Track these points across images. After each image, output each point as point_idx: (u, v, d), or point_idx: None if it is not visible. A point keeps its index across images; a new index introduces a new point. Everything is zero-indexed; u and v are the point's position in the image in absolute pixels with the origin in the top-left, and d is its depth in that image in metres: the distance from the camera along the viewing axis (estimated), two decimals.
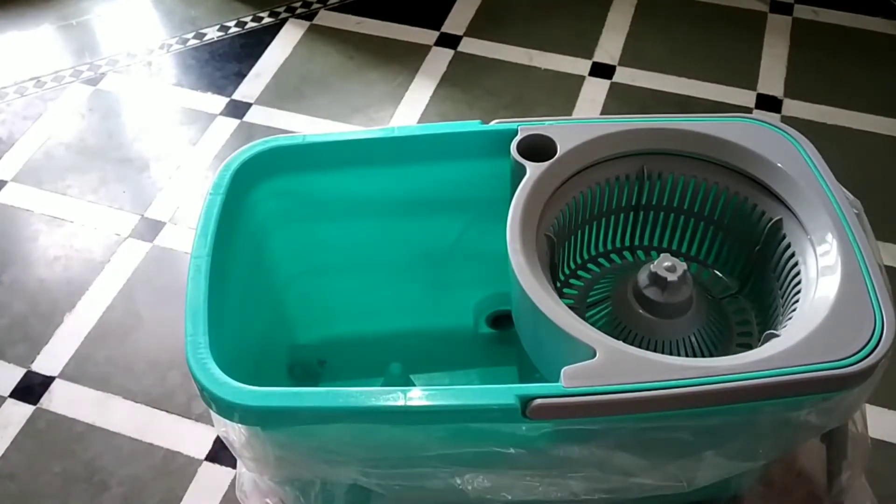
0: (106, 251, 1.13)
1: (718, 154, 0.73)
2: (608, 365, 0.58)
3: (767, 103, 1.31)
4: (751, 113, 1.04)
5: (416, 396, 0.58)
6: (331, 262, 0.84)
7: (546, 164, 0.70)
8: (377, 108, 1.31)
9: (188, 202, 1.19)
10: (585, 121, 0.75)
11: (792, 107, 1.30)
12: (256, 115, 1.30)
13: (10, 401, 0.98)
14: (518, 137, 0.72)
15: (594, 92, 1.33)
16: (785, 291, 0.70)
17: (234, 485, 0.87)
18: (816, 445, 0.75)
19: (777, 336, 0.63)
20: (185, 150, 1.26)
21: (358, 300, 0.88)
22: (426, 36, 1.43)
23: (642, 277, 0.71)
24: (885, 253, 1.06)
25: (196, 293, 0.64)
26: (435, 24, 1.45)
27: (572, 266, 0.80)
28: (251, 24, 1.46)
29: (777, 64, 1.37)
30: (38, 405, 0.98)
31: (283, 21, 1.46)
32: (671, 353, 0.70)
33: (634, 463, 0.64)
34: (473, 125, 0.75)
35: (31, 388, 0.99)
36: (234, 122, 1.29)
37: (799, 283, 0.67)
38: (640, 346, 0.65)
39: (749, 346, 0.72)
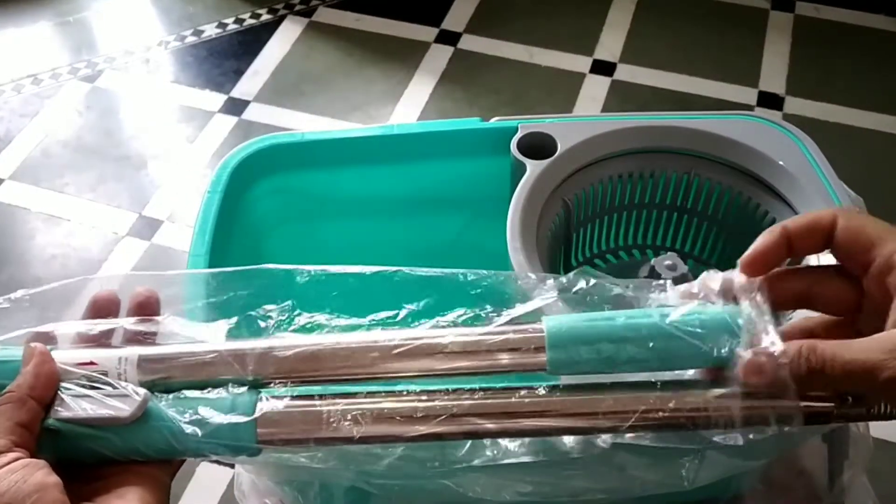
0: (104, 249, 1.13)
1: (719, 152, 0.73)
2: None
3: (769, 100, 1.30)
4: (752, 110, 1.04)
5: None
6: (329, 259, 0.84)
7: (546, 161, 0.70)
8: (376, 106, 1.30)
9: (186, 200, 1.18)
10: (586, 118, 0.74)
11: (793, 104, 1.30)
12: (255, 113, 1.30)
13: None
14: (518, 135, 0.71)
15: (595, 89, 1.33)
16: None
17: (232, 484, 0.87)
18: (817, 445, 0.75)
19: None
20: (183, 147, 1.25)
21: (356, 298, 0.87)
22: (426, 33, 1.42)
23: (643, 275, 0.70)
24: None
25: None
26: (434, 20, 1.44)
27: (573, 264, 0.80)
28: (249, 21, 1.45)
29: (779, 61, 1.36)
30: None
31: (282, 18, 1.45)
32: None
33: (635, 461, 0.64)
34: (473, 123, 0.75)
35: None
36: (232, 120, 1.29)
37: None
38: None
39: None
